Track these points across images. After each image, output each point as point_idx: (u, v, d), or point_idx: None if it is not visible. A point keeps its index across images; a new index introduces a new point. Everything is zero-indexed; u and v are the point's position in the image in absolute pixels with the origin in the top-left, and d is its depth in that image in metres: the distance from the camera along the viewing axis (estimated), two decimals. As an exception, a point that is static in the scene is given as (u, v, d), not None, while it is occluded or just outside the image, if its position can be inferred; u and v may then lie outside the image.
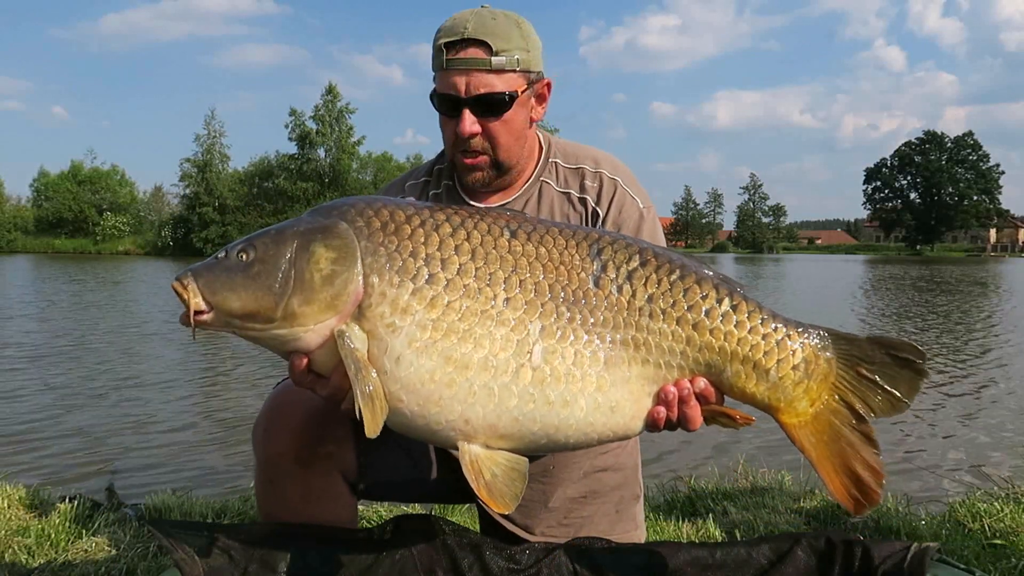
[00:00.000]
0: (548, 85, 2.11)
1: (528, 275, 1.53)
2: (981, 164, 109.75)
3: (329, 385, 1.52)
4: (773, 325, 1.60)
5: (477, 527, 2.26)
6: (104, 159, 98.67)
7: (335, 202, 1.60)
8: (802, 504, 3.47)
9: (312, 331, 1.47)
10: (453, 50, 1.95)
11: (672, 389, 1.56)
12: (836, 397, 1.60)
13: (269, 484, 1.99)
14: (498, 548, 1.95)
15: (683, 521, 3.33)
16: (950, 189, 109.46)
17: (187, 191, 66.77)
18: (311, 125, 63.95)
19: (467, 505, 2.99)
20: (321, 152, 64.54)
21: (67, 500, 3.27)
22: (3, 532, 2.88)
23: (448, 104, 1.99)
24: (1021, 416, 7.69)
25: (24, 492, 3.39)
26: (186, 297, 1.46)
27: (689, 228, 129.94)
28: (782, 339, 1.59)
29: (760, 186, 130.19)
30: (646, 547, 1.99)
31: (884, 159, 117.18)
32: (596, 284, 1.56)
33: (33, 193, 74.96)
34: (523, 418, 1.49)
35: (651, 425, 1.58)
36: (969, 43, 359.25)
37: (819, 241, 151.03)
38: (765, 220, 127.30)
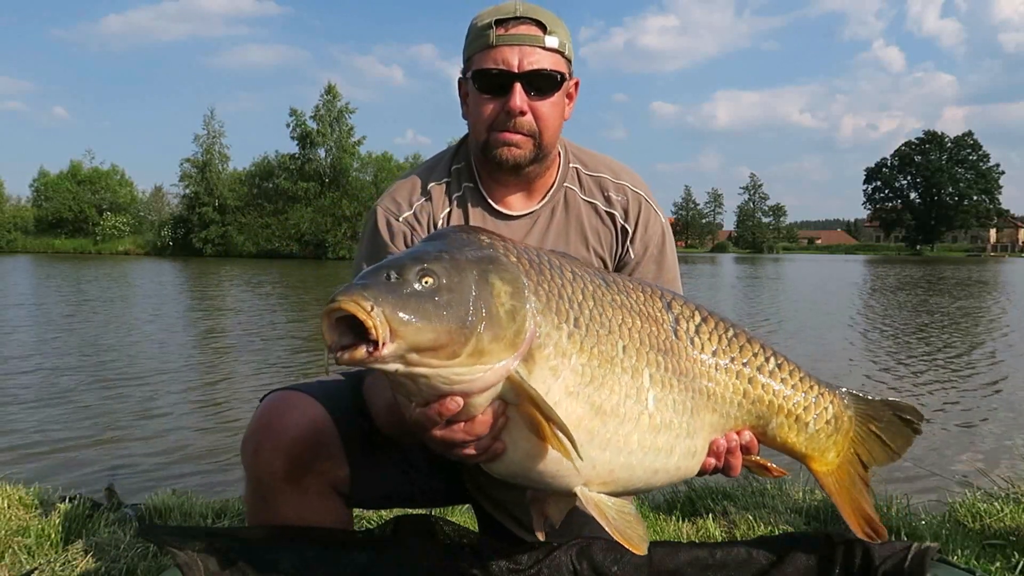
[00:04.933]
0: (577, 84, 2.07)
1: (631, 323, 1.54)
2: (981, 164, 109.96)
3: (475, 429, 1.42)
4: (810, 383, 1.74)
5: (476, 528, 2.26)
6: (104, 159, 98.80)
7: (453, 230, 1.53)
8: (802, 504, 3.47)
9: (492, 370, 1.36)
10: (504, 26, 1.92)
11: (722, 441, 1.65)
12: (852, 449, 1.79)
13: (262, 501, 1.95)
14: (498, 548, 1.94)
15: (683, 521, 3.33)
16: (950, 189, 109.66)
17: (187, 191, 66.86)
18: (311, 125, 63.97)
19: (466, 505, 2.99)
20: (321, 152, 64.56)
21: (67, 500, 3.27)
22: (3, 532, 2.88)
23: (497, 80, 1.92)
24: (1021, 416, 7.68)
25: (24, 492, 3.39)
26: (371, 324, 1.25)
27: (689, 228, 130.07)
28: (817, 396, 1.74)
29: (760, 186, 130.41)
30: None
31: (884, 159, 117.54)
32: (676, 335, 1.61)
33: (33, 193, 75.05)
34: (635, 464, 1.51)
35: (700, 472, 1.66)
36: (968, 44, 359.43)
37: (819, 241, 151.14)
38: (765, 220, 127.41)
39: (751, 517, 3.27)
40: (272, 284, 28.44)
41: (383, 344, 1.26)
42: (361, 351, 1.26)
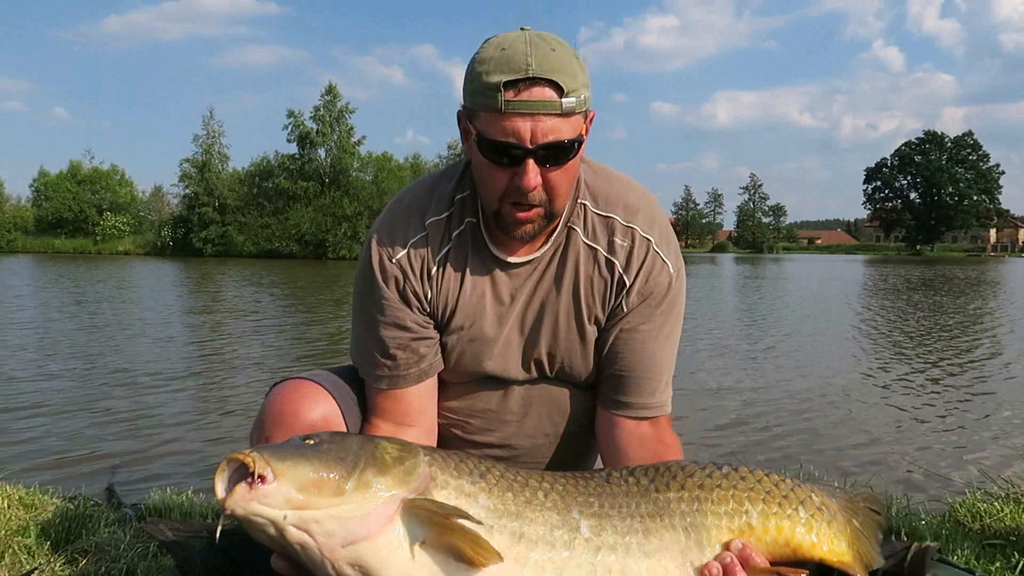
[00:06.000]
0: (591, 117, 1.81)
1: (553, 480, 1.60)
2: (981, 164, 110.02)
3: None
4: (777, 479, 1.67)
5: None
6: (103, 159, 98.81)
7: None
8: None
9: (383, 503, 1.40)
10: (514, 89, 1.64)
11: (715, 565, 1.55)
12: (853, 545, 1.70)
13: None
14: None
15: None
16: (950, 189, 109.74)
17: (187, 191, 66.92)
18: (311, 125, 63.99)
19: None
20: (322, 152, 64.58)
21: (67, 500, 3.27)
22: (3, 532, 2.88)
23: (508, 154, 1.69)
24: (1021, 416, 7.68)
25: (24, 492, 3.38)
26: (249, 460, 1.34)
27: (689, 228, 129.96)
28: (793, 487, 1.67)
29: (760, 186, 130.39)
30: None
31: (884, 159, 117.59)
32: (608, 481, 1.63)
33: (33, 193, 75.12)
34: None
35: None
36: (967, 44, 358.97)
37: (819, 241, 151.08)
38: (765, 220, 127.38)
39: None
40: (275, 285, 28.43)
41: (264, 479, 1.32)
42: (243, 487, 1.33)
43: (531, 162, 1.68)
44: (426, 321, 1.96)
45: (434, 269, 1.93)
